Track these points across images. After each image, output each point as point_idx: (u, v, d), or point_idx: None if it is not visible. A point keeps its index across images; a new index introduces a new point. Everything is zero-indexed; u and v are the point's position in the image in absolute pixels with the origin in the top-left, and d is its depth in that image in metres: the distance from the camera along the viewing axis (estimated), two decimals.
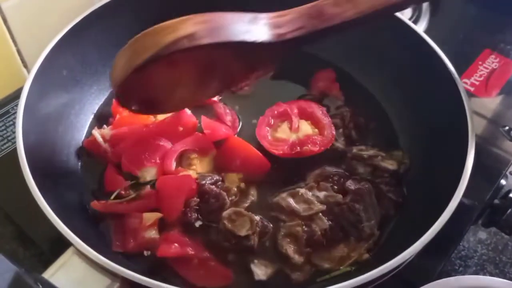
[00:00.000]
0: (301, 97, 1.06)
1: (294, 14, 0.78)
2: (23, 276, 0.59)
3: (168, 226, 0.86)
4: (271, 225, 0.86)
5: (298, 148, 0.94)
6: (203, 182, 0.88)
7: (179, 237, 0.83)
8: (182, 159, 0.94)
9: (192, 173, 0.91)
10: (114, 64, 0.75)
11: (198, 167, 0.93)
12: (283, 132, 0.97)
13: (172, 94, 0.84)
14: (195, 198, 0.86)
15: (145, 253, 0.84)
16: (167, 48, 0.70)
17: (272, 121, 0.99)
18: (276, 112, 1.00)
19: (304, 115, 1.00)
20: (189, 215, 0.85)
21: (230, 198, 0.88)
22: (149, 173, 0.90)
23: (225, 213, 0.84)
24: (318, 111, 1.00)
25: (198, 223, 0.86)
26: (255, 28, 0.76)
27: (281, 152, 0.94)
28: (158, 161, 0.92)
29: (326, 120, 0.99)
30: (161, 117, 0.97)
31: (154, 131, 0.94)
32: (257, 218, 0.85)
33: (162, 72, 0.76)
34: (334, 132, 0.97)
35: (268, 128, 0.98)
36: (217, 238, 0.84)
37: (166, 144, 0.93)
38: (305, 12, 0.78)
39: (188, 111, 0.96)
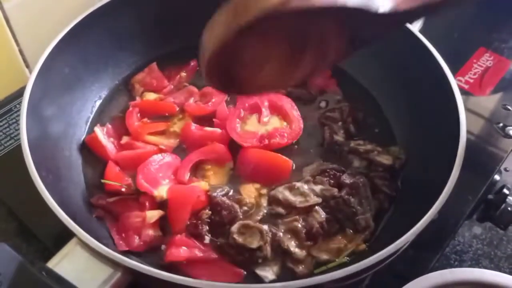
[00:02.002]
0: None
1: None
2: (28, 266, 0.61)
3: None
4: (281, 233, 0.86)
5: (267, 140, 0.95)
6: (214, 194, 0.88)
7: (187, 240, 0.84)
8: (197, 170, 0.94)
9: (204, 185, 0.91)
10: (209, 27, 0.65)
11: (212, 179, 0.93)
12: (252, 124, 0.98)
13: (259, 72, 0.75)
14: (207, 211, 0.86)
15: (162, 247, 0.85)
16: (277, 8, 0.60)
17: (242, 113, 0.99)
18: (247, 104, 1.00)
19: (274, 108, 1.01)
20: (200, 227, 0.85)
21: (241, 210, 0.88)
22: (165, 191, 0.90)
23: (233, 228, 0.83)
24: (288, 104, 1.01)
25: (207, 239, 0.85)
26: None
27: (250, 144, 0.94)
28: (172, 176, 0.92)
29: (295, 113, 1.00)
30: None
31: None
32: (266, 227, 0.85)
33: (255, 42, 0.68)
34: (302, 126, 0.98)
35: (239, 120, 0.98)
36: (229, 253, 0.83)
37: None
38: None
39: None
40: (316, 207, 0.88)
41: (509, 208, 0.97)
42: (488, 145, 1.08)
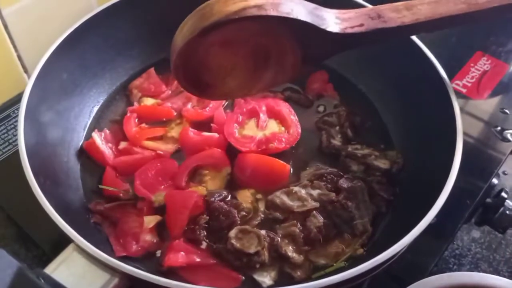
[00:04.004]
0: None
1: (355, 13, 0.80)
2: (26, 271, 0.60)
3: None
4: (278, 238, 0.86)
5: (264, 145, 0.95)
6: (212, 199, 0.88)
7: (185, 245, 0.84)
8: (195, 175, 0.94)
9: (202, 190, 0.91)
10: (180, 28, 0.75)
11: (209, 184, 0.93)
12: (250, 129, 0.98)
13: (224, 79, 0.84)
14: (204, 216, 0.86)
15: (159, 252, 0.85)
16: (236, 13, 0.70)
17: (240, 118, 0.99)
18: (244, 109, 1.00)
19: (272, 112, 1.01)
20: (198, 232, 0.85)
21: (239, 215, 0.88)
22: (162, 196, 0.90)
23: (231, 233, 0.83)
24: (285, 109, 1.01)
25: (205, 244, 0.85)
26: (322, 15, 0.77)
27: (248, 149, 0.94)
28: (170, 182, 0.92)
29: (292, 118, 1.00)
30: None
31: None
32: (263, 232, 0.85)
33: (221, 49, 0.77)
34: (299, 130, 0.99)
35: (236, 125, 0.98)
36: (227, 258, 0.83)
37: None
38: (365, 13, 0.81)
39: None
40: (314, 211, 0.88)
41: (507, 212, 0.97)
42: (486, 149, 1.08)
